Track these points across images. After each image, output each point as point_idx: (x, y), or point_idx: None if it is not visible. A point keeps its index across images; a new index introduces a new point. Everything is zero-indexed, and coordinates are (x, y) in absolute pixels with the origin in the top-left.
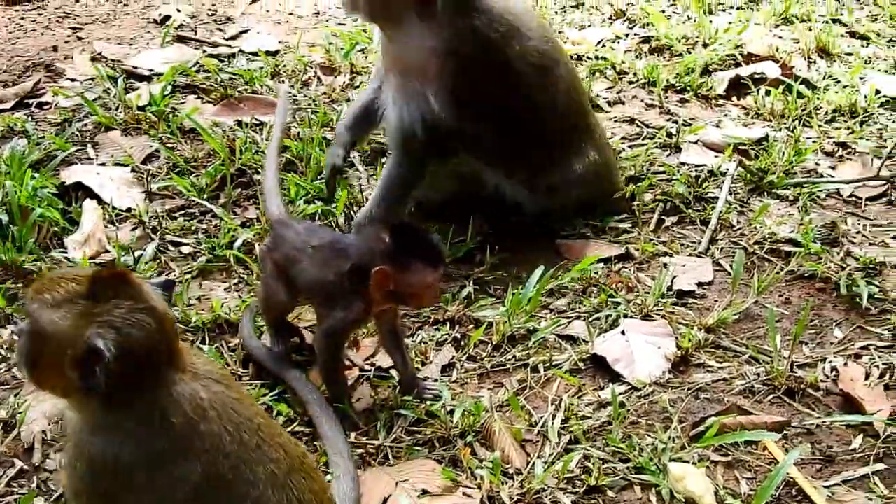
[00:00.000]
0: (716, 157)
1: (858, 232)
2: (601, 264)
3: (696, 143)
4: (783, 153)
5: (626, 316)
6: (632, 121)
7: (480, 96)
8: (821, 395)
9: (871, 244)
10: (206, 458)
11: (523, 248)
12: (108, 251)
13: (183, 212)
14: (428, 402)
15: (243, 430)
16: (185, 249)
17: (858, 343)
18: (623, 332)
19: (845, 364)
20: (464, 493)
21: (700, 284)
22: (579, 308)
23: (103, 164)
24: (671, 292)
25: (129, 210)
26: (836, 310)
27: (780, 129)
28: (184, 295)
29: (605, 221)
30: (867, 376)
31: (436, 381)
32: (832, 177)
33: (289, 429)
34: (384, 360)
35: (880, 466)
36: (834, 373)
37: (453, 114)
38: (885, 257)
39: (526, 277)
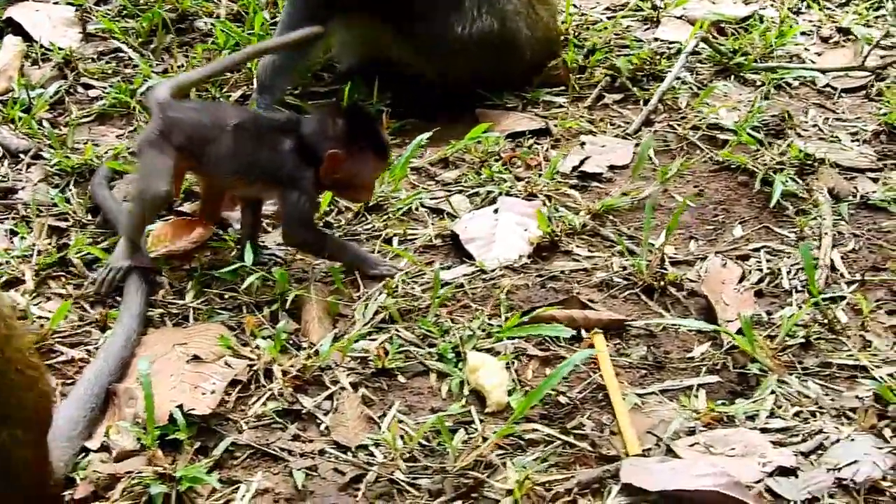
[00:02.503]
0: None
1: (815, 125)
2: (510, 139)
3: (679, 18)
4: (765, 34)
5: (507, 194)
6: None
7: None
8: (682, 295)
9: (820, 139)
10: None
11: (442, 116)
12: (13, 89)
13: (113, 55)
14: (263, 267)
15: None
16: (93, 93)
17: (755, 244)
18: (496, 211)
19: (724, 265)
20: (226, 363)
21: (612, 168)
22: (465, 181)
23: (56, 3)
24: (575, 173)
25: (60, 50)
26: (750, 206)
27: (782, 9)
28: (69, 138)
29: (538, 94)
30: (741, 279)
31: (279, 245)
32: (814, 63)
33: None
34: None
35: (711, 379)
36: (707, 273)
37: None
38: (828, 153)
39: (439, 142)
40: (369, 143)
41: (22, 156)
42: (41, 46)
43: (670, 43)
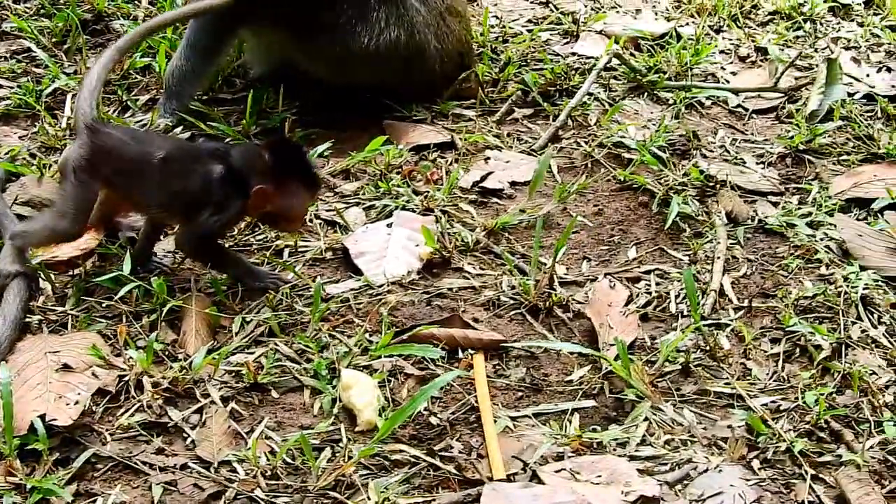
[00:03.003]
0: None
1: (723, 146)
2: (414, 152)
3: (599, 32)
4: (681, 52)
5: (404, 208)
6: (546, 3)
7: None
8: (568, 316)
9: (725, 160)
10: None
11: (349, 127)
12: None
13: (26, 55)
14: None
15: None
16: (1, 93)
17: (647, 266)
18: (389, 226)
19: (613, 286)
20: (93, 374)
21: (514, 184)
22: (364, 194)
23: None
24: (475, 188)
25: None
26: (648, 227)
27: (702, 26)
28: None
29: (447, 106)
30: (628, 302)
31: (167, 253)
32: (728, 83)
33: None
34: None
35: (587, 404)
36: (594, 295)
37: None
38: (730, 176)
39: (340, 153)
40: (299, 175)
41: None
42: None
43: (587, 58)
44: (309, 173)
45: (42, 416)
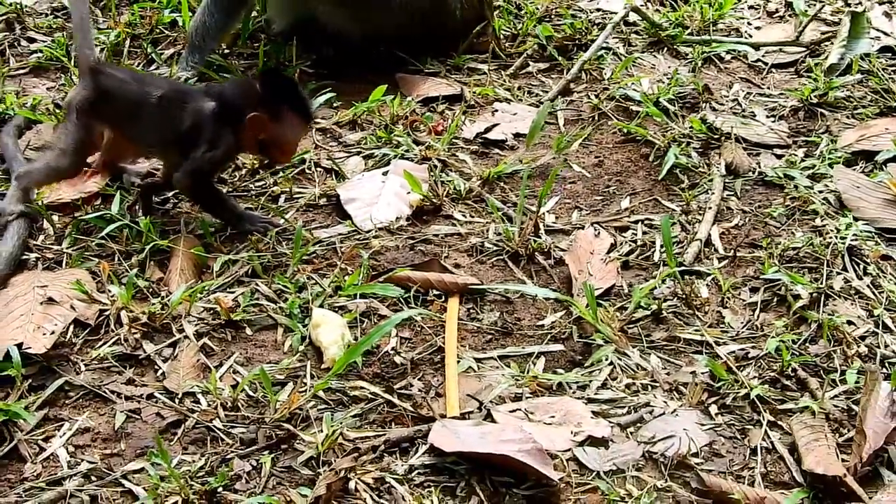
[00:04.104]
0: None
1: (735, 100)
2: (423, 104)
3: None
4: (704, 6)
5: (403, 157)
6: None
7: None
8: (549, 263)
9: (734, 113)
10: None
11: (361, 80)
12: None
13: (65, 11)
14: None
15: None
16: (35, 46)
17: (638, 216)
18: (385, 174)
19: (598, 234)
20: (71, 307)
21: (518, 135)
22: (366, 144)
23: None
24: (479, 140)
25: (17, 4)
26: (646, 179)
27: None
28: None
29: (461, 60)
30: (610, 249)
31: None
32: (751, 38)
33: None
34: None
35: (554, 348)
36: (576, 242)
37: None
38: (736, 128)
39: (347, 104)
40: (291, 104)
41: None
42: None
43: (611, 13)
44: (301, 103)
45: (19, 345)
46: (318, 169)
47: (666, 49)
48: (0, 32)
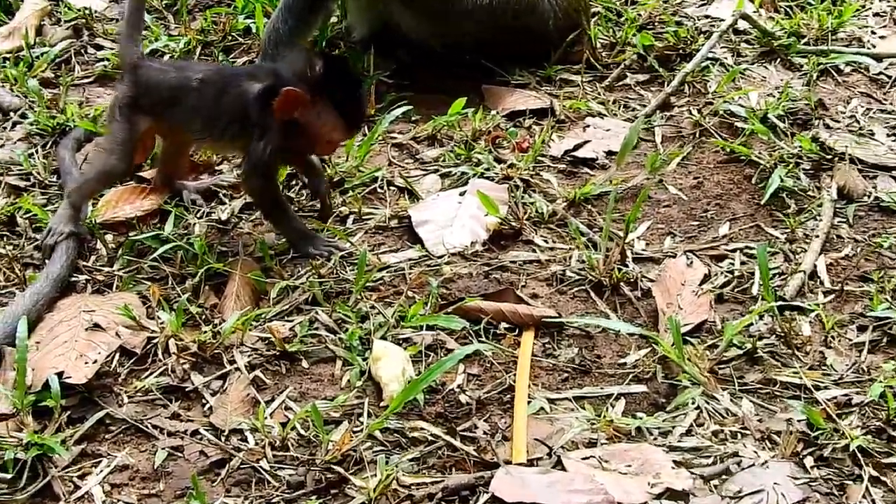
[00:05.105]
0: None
1: (852, 116)
2: (508, 118)
3: None
4: (822, 14)
5: (482, 176)
6: None
7: None
8: (636, 295)
9: (850, 131)
10: None
11: (444, 92)
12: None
13: None
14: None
15: None
16: (102, 54)
17: (738, 243)
18: (462, 194)
19: (690, 263)
20: (117, 334)
21: (610, 153)
22: (444, 161)
23: None
24: (566, 158)
25: (78, 10)
26: (749, 203)
27: None
28: (62, 97)
29: (552, 70)
30: (703, 281)
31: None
32: (874, 48)
33: None
34: None
35: (636, 389)
36: (666, 272)
37: None
38: (852, 148)
39: (426, 118)
40: (342, 101)
41: (12, 114)
42: (66, 5)
43: (720, 20)
44: (356, 103)
45: (60, 374)
46: (391, 188)
47: (778, 60)
48: (66, 39)
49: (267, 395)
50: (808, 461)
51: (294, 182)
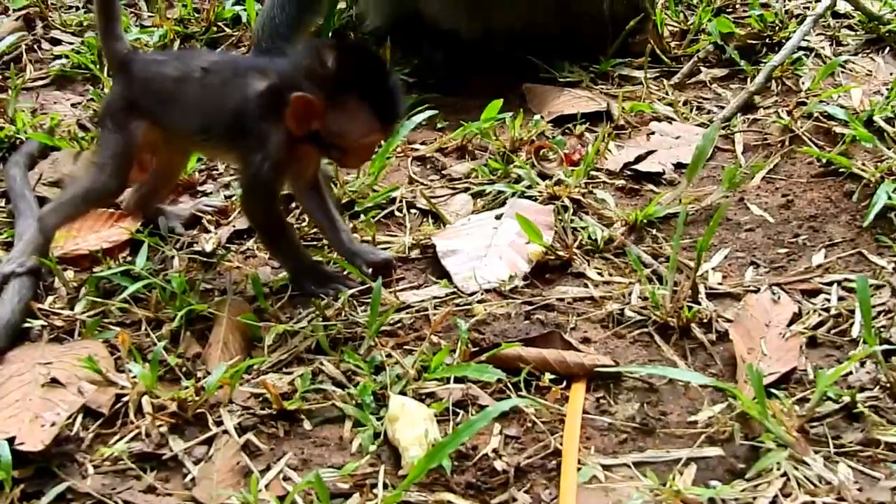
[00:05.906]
0: None
1: None
2: (555, 124)
3: None
4: None
5: (523, 195)
6: None
7: None
8: (710, 339)
9: None
10: None
11: (478, 93)
12: None
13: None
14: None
15: None
16: (59, 49)
17: (835, 275)
18: (499, 217)
19: (777, 300)
20: (79, 391)
21: (679, 167)
22: (477, 177)
23: None
24: (626, 172)
25: None
26: (849, 226)
27: None
28: (10, 104)
29: (609, 65)
30: (792, 321)
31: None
32: None
33: None
34: None
35: (710, 452)
36: (747, 310)
37: None
38: None
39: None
40: (367, 94)
41: None
42: None
43: (815, 2)
44: (386, 93)
45: (10, 440)
46: (412, 211)
47: (888, 50)
48: (15, 32)
49: (261, 463)
50: None
51: (294, 204)
